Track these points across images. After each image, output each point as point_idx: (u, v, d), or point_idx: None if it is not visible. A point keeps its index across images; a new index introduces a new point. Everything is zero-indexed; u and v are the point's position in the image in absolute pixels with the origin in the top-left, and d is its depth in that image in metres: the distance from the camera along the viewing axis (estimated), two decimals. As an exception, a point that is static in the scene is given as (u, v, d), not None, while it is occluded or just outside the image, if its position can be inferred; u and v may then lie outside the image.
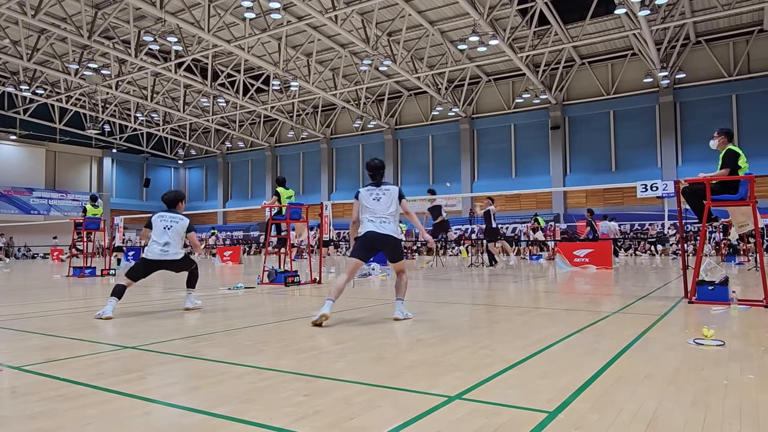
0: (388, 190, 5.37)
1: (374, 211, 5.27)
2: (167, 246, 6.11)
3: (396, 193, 5.37)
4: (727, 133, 6.36)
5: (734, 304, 5.67)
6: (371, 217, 5.27)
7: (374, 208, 5.28)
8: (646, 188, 10.20)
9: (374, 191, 5.37)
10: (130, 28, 23.50)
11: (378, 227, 5.24)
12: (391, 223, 5.28)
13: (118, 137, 40.27)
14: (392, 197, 5.32)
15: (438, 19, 24.05)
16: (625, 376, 2.95)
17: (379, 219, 5.25)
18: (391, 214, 5.29)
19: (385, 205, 5.29)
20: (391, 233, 5.25)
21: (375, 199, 5.33)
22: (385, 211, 5.27)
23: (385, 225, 5.25)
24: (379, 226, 5.23)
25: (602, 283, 9.52)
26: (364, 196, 5.38)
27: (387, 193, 5.35)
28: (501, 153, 31.90)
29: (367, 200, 5.34)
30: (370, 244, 5.28)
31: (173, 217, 6.31)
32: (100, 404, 2.52)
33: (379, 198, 5.33)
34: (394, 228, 5.31)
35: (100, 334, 4.67)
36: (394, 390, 2.73)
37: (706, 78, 26.38)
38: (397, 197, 5.35)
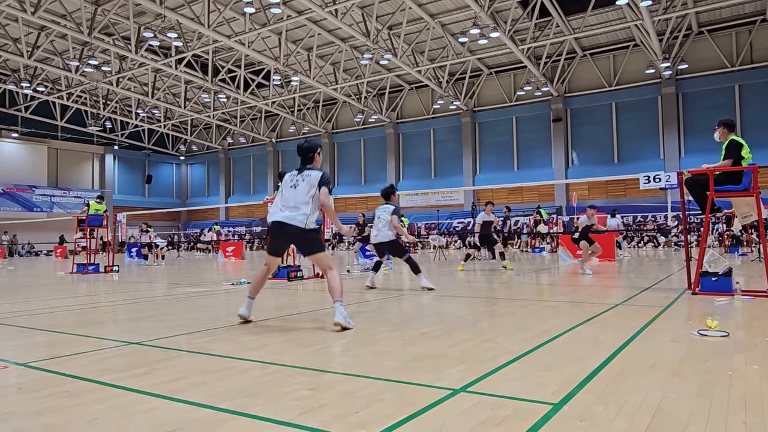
0: (309, 176, 4.62)
1: (287, 199, 4.60)
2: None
3: (317, 179, 4.59)
4: (727, 123, 6.32)
5: (738, 295, 5.66)
6: (281, 206, 4.63)
7: (288, 195, 4.61)
8: (649, 180, 10.18)
9: (295, 177, 4.68)
10: (130, 25, 23.45)
11: (285, 217, 4.55)
12: (300, 212, 4.52)
13: (120, 134, 40.28)
14: (311, 184, 4.58)
15: (438, 12, 23.94)
16: (630, 368, 2.95)
17: (288, 207, 4.57)
18: (304, 202, 4.54)
19: (301, 192, 4.57)
20: (297, 223, 4.51)
21: (292, 185, 4.64)
22: (298, 198, 4.55)
23: (293, 214, 4.53)
24: (288, 215, 4.54)
25: (605, 275, 9.51)
26: (285, 182, 4.74)
27: (306, 179, 4.60)
28: (503, 146, 31.83)
29: (285, 187, 4.70)
30: (276, 236, 4.66)
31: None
32: (105, 400, 2.53)
33: (296, 185, 4.62)
34: (302, 218, 4.52)
35: (104, 330, 4.69)
36: (399, 383, 2.73)
37: (708, 68, 26.24)
38: (316, 184, 4.57)
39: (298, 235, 4.55)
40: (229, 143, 42.76)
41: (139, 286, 9.41)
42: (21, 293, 8.45)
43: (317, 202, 4.57)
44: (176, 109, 34.51)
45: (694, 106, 26.73)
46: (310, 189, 4.56)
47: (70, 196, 39.36)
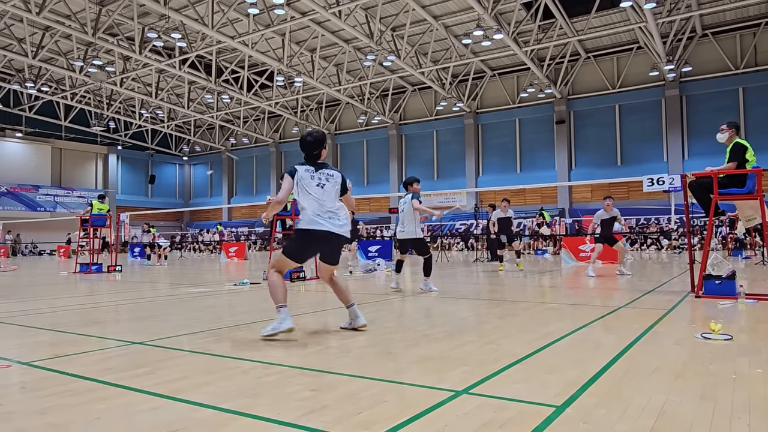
0: (332, 176, 4.36)
1: (322, 202, 4.24)
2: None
3: (339, 181, 4.40)
4: (736, 126, 6.32)
5: (742, 298, 5.64)
6: (319, 212, 4.23)
7: (319, 197, 4.24)
8: (652, 182, 10.15)
9: (315, 175, 4.31)
10: (135, 25, 23.50)
11: (336, 227, 4.25)
12: (342, 220, 4.31)
13: (123, 134, 40.37)
14: (336, 184, 4.36)
15: (442, 14, 23.95)
16: (633, 371, 2.95)
17: (328, 213, 4.25)
18: (338, 206, 4.35)
19: (331, 194, 4.31)
20: (345, 233, 4.34)
21: (318, 185, 4.27)
22: (332, 203, 4.30)
23: (340, 223, 4.29)
24: (337, 225, 4.27)
25: (608, 278, 9.49)
26: (302, 177, 4.29)
27: (331, 180, 4.34)
28: (506, 148, 31.80)
29: (309, 185, 4.26)
30: (320, 244, 4.34)
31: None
32: (108, 399, 2.53)
33: (322, 184, 4.29)
34: (346, 227, 4.36)
35: (107, 330, 4.70)
36: (401, 385, 2.73)
37: (712, 71, 26.18)
38: (340, 186, 4.39)
39: (340, 244, 4.40)
40: (232, 144, 42.82)
41: (142, 286, 9.43)
42: (24, 293, 8.48)
43: (346, 205, 4.45)
44: (180, 110, 34.58)
45: (697, 108, 26.67)
46: (337, 191, 4.34)
47: (74, 195, 39.45)
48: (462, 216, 31.87)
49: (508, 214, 12.50)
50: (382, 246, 16.88)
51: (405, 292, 7.34)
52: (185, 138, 43.67)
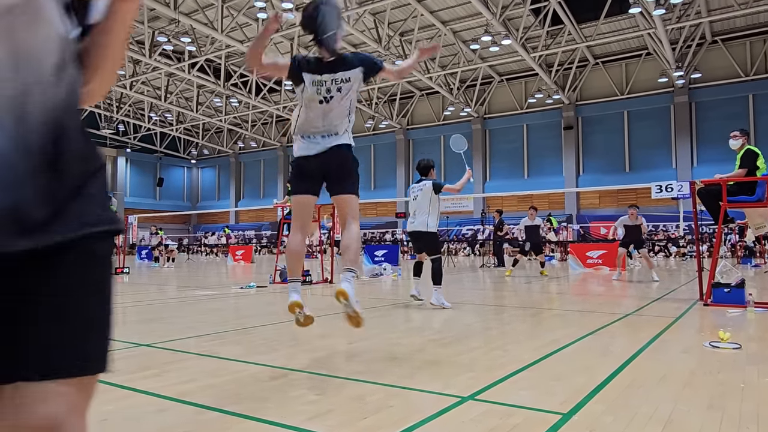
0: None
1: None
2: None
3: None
4: (748, 133, 6.29)
5: (751, 306, 5.60)
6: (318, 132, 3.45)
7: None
8: (661, 189, 10.12)
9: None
10: (145, 29, 23.71)
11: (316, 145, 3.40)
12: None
13: (132, 137, 40.65)
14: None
15: (450, 19, 23.99)
16: (640, 379, 2.93)
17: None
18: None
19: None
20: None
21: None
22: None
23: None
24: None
25: (615, 285, 9.44)
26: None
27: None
28: (513, 153, 31.75)
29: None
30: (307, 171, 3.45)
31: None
32: (115, 401, 2.54)
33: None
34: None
35: (114, 331, 4.71)
36: (407, 390, 2.73)
37: (722, 78, 26.05)
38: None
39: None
40: (240, 147, 42.99)
41: (149, 288, 9.48)
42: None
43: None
44: (188, 113, 34.79)
45: (707, 115, 26.53)
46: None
47: (83, 197, 39.73)
48: (469, 221, 31.82)
49: (535, 222, 12.53)
50: (389, 250, 16.86)
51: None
52: (194, 141, 43.91)
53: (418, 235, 6.29)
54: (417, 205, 6.30)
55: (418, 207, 6.27)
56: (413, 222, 6.28)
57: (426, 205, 6.23)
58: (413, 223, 6.28)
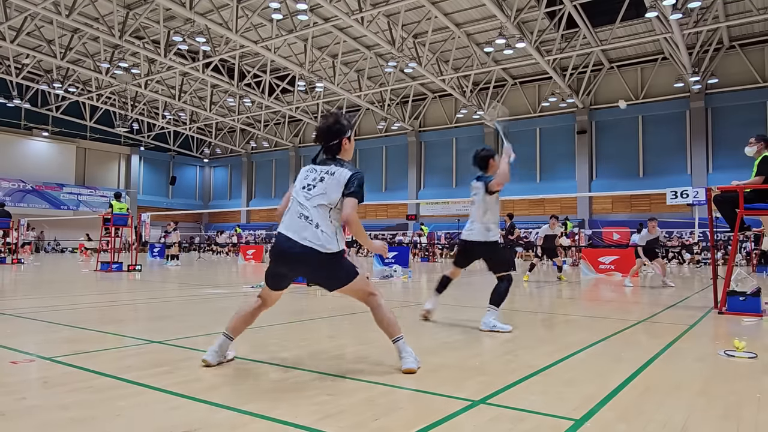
0: (331, 175, 3.22)
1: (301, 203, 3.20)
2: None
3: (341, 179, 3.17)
4: (765, 139, 6.19)
5: (767, 315, 5.52)
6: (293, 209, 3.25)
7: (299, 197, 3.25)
8: (676, 195, 9.99)
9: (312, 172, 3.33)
10: (160, 29, 23.92)
11: (287, 229, 3.17)
12: (312, 226, 3.09)
13: (146, 135, 41.01)
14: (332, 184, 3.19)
15: (464, 22, 23.95)
16: (654, 387, 2.90)
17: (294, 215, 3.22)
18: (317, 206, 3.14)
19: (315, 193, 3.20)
20: (310, 244, 3.05)
21: (306, 186, 3.26)
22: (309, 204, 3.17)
23: (303, 229, 3.11)
24: (289, 227, 3.18)
25: (628, 291, 9.36)
26: (300, 176, 3.41)
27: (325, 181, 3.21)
28: (526, 157, 31.59)
29: (296, 185, 3.36)
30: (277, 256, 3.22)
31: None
32: (129, 396, 2.56)
33: (310, 185, 3.25)
34: (318, 234, 3.07)
35: (127, 328, 4.76)
36: (418, 392, 2.72)
37: (739, 83, 25.74)
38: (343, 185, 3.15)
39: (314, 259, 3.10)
40: (253, 147, 43.21)
41: (161, 286, 9.55)
42: (46, 289, 8.63)
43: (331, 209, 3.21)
44: (202, 113, 35.03)
45: (723, 121, 26.23)
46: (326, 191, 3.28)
47: (96, 195, 40.14)
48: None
49: (554, 232, 12.73)
50: (399, 252, 16.85)
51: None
52: (206, 140, 44.21)
53: (471, 246, 4.96)
54: (475, 210, 5.02)
55: (476, 211, 5.00)
56: (471, 231, 4.95)
57: (483, 210, 4.93)
58: (470, 233, 4.95)
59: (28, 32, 24.86)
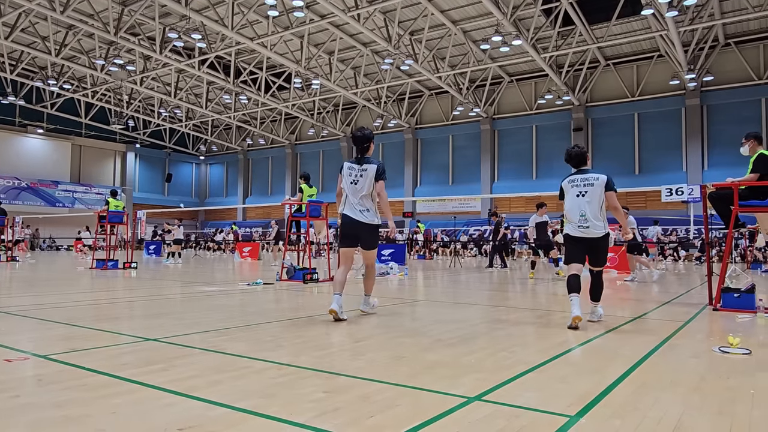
0: (365, 171, 5.16)
1: (351, 194, 5.22)
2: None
3: (373, 172, 5.15)
4: (756, 136, 6.21)
5: (761, 312, 5.55)
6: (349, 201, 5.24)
7: (350, 190, 5.22)
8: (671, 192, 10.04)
9: (355, 169, 5.23)
10: (156, 25, 23.82)
11: (350, 211, 5.20)
12: (363, 209, 5.16)
13: (142, 132, 40.89)
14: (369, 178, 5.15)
15: (461, 19, 23.93)
16: (649, 383, 2.91)
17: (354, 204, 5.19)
18: (364, 197, 5.17)
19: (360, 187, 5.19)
20: (363, 219, 5.17)
21: (352, 182, 5.19)
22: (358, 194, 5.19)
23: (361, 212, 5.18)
24: (355, 212, 5.18)
25: (623, 288, 9.39)
26: (344, 173, 5.29)
27: (365, 174, 5.16)
28: (522, 154, 31.65)
29: (345, 180, 5.26)
30: (346, 230, 5.26)
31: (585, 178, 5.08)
32: (124, 394, 2.55)
33: (356, 180, 5.17)
34: (365, 214, 5.18)
35: (122, 325, 4.74)
36: (414, 389, 2.72)
37: (734, 81, 25.82)
38: (373, 177, 5.14)
39: (367, 231, 5.28)
40: (249, 144, 43.14)
41: (157, 284, 9.52)
42: (41, 286, 8.60)
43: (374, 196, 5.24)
44: (198, 110, 34.94)
45: (718, 118, 26.31)
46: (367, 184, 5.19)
47: (92, 192, 40.01)
48: (476, 221, 31.76)
49: (543, 219, 12.54)
50: (396, 249, 16.86)
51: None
52: (202, 138, 44.11)
53: (590, 242, 5.01)
54: (586, 205, 4.97)
55: (589, 207, 4.96)
56: (586, 226, 4.95)
57: (598, 205, 4.98)
58: (586, 227, 4.96)
59: (23, 29, 24.74)
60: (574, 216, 5.02)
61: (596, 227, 4.94)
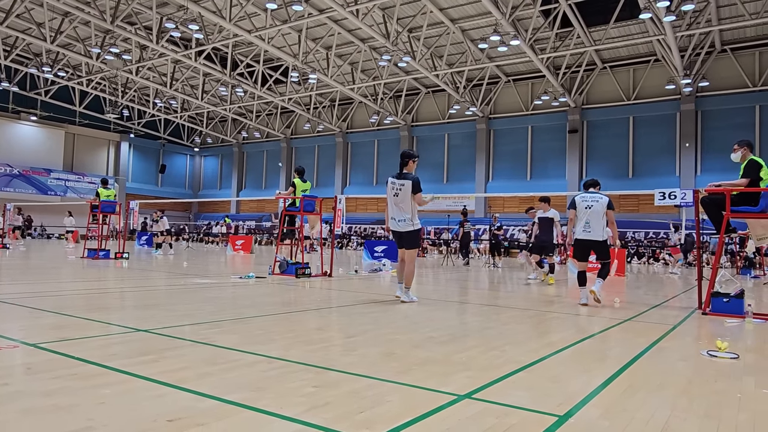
0: (403, 185, 6.45)
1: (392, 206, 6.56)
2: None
3: (410, 186, 6.43)
4: (748, 144, 6.26)
5: (749, 317, 5.60)
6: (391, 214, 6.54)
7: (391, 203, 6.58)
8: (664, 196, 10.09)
9: (395, 183, 6.55)
10: (153, 15, 23.64)
11: (395, 219, 6.50)
12: (403, 218, 6.40)
13: (136, 122, 40.61)
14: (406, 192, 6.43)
15: (459, 17, 23.91)
16: (637, 385, 2.93)
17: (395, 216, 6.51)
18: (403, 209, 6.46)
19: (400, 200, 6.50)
20: (405, 226, 6.46)
21: (394, 194, 6.44)
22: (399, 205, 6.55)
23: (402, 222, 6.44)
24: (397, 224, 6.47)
25: (614, 290, 9.44)
26: (387, 187, 6.63)
27: (403, 188, 6.42)
28: (517, 154, 31.70)
29: (388, 194, 6.57)
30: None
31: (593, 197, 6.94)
32: (113, 384, 2.55)
33: (396, 193, 6.46)
34: (406, 222, 6.44)
35: (113, 316, 4.72)
36: (404, 386, 2.73)
37: (729, 87, 25.95)
38: (410, 191, 6.41)
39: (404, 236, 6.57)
40: (244, 137, 42.96)
41: (148, 274, 9.49)
42: (32, 275, 8.55)
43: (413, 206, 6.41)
44: (193, 101, 34.75)
45: (713, 124, 26.45)
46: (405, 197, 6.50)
47: (84, 181, 39.72)
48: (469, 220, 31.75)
49: (549, 215, 11.25)
50: (389, 246, 16.87)
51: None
52: (197, 129, 43.88)
53: (592, 244, 6.92)
54: (592, 217, 6.84)
55: (594, 218, 6.84)
56: (589, 231, 6.85)
57: (601, 219, 6.87)
58: (590, 232, 6.85)
59: (18, 14, 24.48)
60: (580, 223, 6.87)
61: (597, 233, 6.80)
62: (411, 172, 6.55)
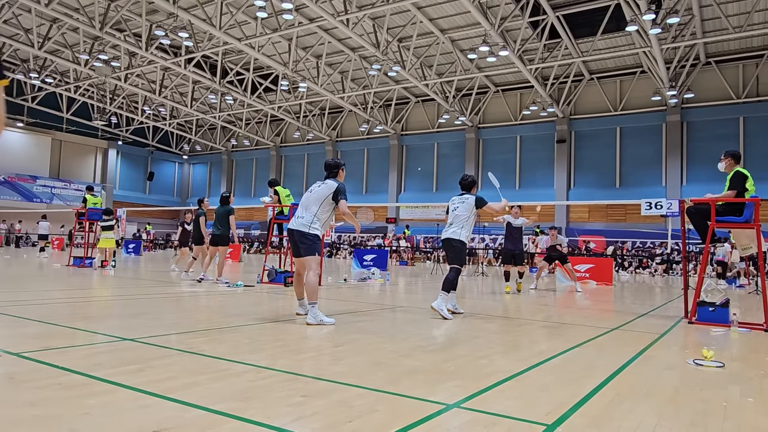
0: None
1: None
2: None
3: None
4: (734, 155, 6.36)
5: (735, 326, 5.65)
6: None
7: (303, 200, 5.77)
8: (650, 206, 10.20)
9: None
10: (142, 22, 23.57)
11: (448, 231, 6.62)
12: (304, 217, 5.42)
13: (125, 129, 40.33)
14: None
15: (449, 28, 24.10)
16: (624, 393, 2.94)
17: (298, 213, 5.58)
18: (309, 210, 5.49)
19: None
20: (299, 227, 5.40)
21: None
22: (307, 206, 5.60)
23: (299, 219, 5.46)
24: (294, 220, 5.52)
25: (602, 299, 9.50)
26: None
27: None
28: (505, 164, 31.88)
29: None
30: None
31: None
32: (98, 395, 2.51)
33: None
34: (306, 222, 5.41)
35: (98, 324, 4.67)
36: (393, 395, 2.72)
37: (714, 99, 26.36)
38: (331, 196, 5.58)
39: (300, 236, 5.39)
40: (233, 145, 42.81)
41: (135, 283, 9.39)
42: (15, 283, 8.42)
43: (320, 210, 5.51)
44: (182, 108, 34.60)
45: (698, 135, 26.81)
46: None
47: (71, 188, 39.32)
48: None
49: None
50: (378, 255, 16.86)
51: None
52: (186, 137, 43.67)
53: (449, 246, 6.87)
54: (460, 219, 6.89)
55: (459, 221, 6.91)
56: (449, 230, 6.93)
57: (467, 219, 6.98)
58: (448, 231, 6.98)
59: (5, 20, 24.31)
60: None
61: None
62: (341, 181, 5.79)
